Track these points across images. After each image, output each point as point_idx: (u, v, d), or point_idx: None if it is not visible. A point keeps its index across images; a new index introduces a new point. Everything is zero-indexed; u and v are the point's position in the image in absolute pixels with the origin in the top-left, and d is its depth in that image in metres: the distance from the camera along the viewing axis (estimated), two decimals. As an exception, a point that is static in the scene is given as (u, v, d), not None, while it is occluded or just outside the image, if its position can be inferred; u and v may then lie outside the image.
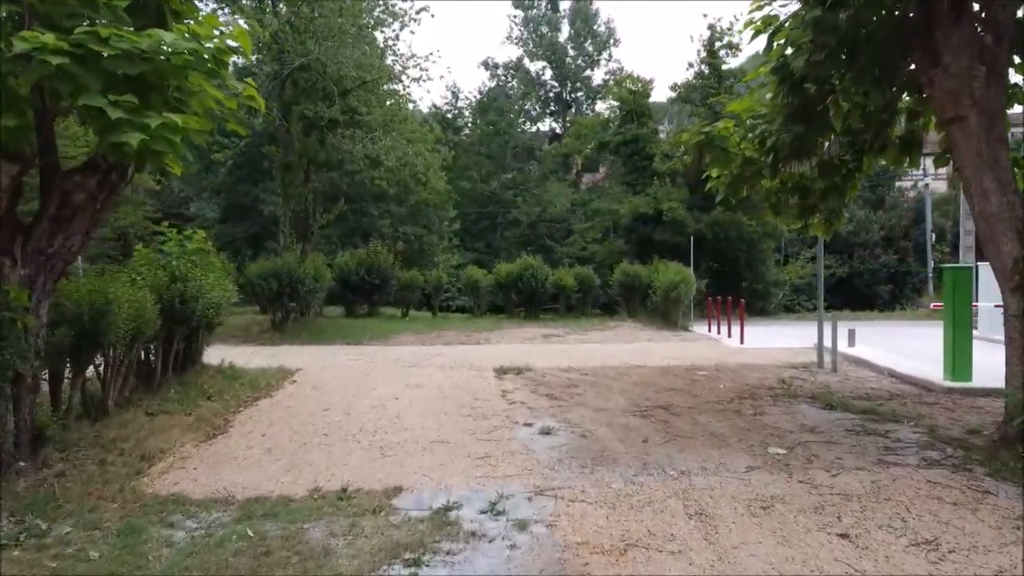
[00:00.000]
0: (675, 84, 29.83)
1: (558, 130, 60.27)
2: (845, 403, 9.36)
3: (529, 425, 8.29)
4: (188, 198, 37.63)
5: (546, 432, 7.95)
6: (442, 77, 32.08)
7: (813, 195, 10.43)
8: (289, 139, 17.55)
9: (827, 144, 10.08)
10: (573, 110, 59.34)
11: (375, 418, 8.70)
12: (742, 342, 16.36)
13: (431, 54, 20.22)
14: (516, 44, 61.58)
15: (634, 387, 10.81)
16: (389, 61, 18.17)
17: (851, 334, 14.62)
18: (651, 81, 31.11)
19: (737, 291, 29.38)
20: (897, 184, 50.88)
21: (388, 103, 18.52)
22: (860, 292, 36.73)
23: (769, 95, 9.62)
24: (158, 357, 9.55)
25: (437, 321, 22.10)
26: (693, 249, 27.54)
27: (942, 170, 45.34)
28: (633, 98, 30.01)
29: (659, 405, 9.43)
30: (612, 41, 61.12)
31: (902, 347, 14.95)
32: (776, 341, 16.83)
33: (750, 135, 10.06)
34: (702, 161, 10.58)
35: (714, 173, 10.76)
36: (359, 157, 17.20)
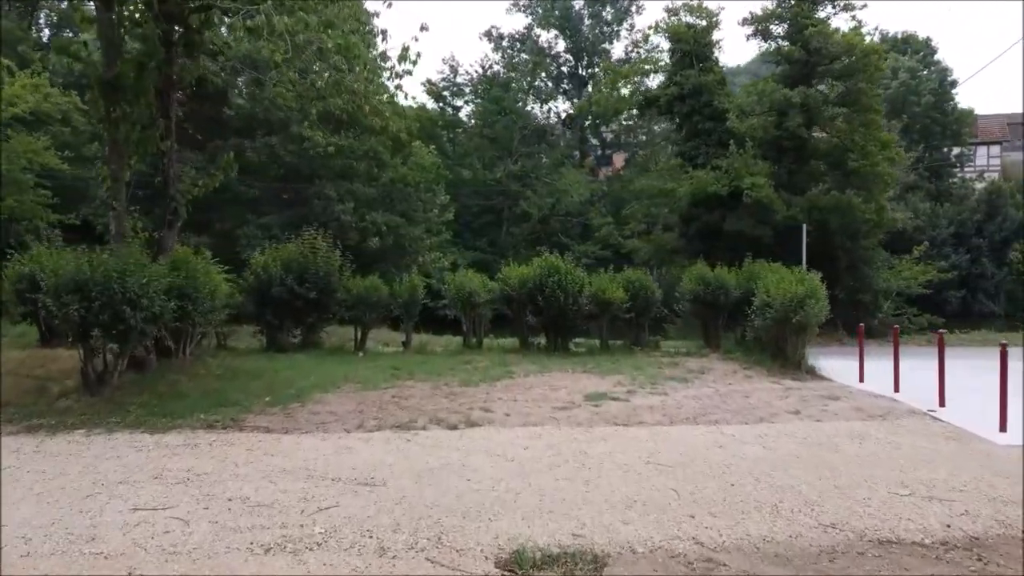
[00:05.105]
0: (750, 15, 21.47)
1: (572, 111, 52.06)
2: None
3: None
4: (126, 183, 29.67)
5: None
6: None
7: None
8: (113, 33, 9.24)
9: None
10: (590, 88, 50.99)
11: None
12: (1004, 427, 8.02)
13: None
14: (524, 11, 53.20)
15: None
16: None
17: None
18: (718, 13, 22.58)
19: (832, 303, 21.29)
20: (959, 174, 43.51)
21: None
22: (926, 298, 28.21)
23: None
24: None
25: (406, 360, 13.74)
26: (776, 244, 19.46)
27: (995, 160, 37.15)
28: (692, 35, 21.64)
29: None
30: (635, 8, 52.77)
31: None
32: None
33: None
34: None
35: None
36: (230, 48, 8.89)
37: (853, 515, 5.43)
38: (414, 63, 10.06)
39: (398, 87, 10.66)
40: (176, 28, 9.45)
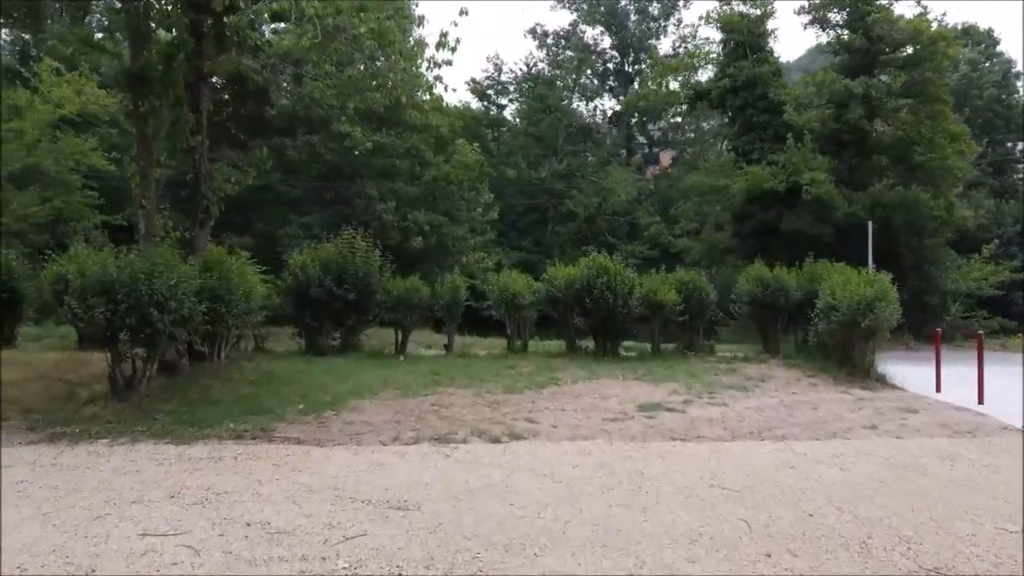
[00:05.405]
0: (807, 3, 20.41)
1: (618, 108, 51.04)
2: None
3: None
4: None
5: None
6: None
7: None
8: (139, 23, 8.86)
9: None
10: (636, 85, 49.90)
11: None
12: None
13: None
14: (568, 8, 52.46)
15: None
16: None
17: None
18: (772, 1, 21.60)
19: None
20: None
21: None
22: (991, 300, 26.57)
23: None
24: None
25: (448, 364, 13.19)
26: (837, 243, 18.48)
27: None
28: (746, 24, 20.72)
29: None
30: (683, 3, 51.63)
31: None
32: None
33: None
34: None
35: None
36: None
37: (958, 556, 4.67)
38: (453, 50, 9.49)
39: (437, 78, 10.10)
40: (206, 18, 9.02)
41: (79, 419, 8.47)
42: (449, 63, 10.04)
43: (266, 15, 8.92)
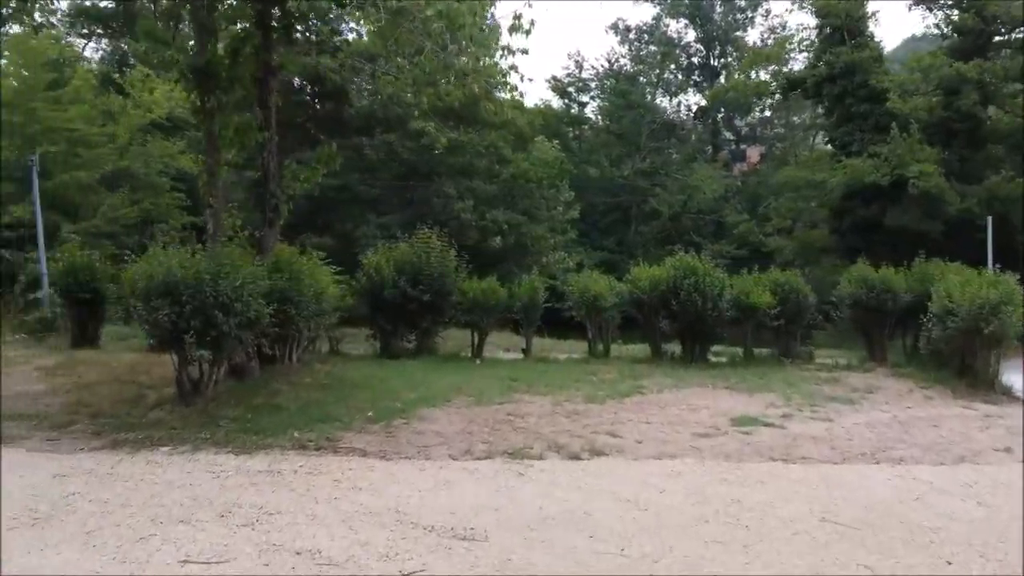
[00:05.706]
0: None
1: (703, 103, 49.48)
2: None
3: None
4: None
5: None
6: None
7: None
8: (204, 16, 8.57)
9: None
10: (723, 79, 48.23)
11: None
12: None
13: None
14: (651, 1, 51.20)
15: None
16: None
17: None
18: (873, -18, 20.19)
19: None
20: None
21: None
22: None
23: None
24: None
25: (525, 369, 12.58)
26: (946, 240, 17.04)
27: None
28: (844, 7, 19.39)
29: None
30: (771, -9, 49.78)
31: None
32: None
33: None
34: None
35: None
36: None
37: None
38: (527, 33, 8.87)
39: (512, 67, 9.56)
40: (271, 9, 8.69)
41: (144, 424, 8.24)
42: (525, 51, 9.46)
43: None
